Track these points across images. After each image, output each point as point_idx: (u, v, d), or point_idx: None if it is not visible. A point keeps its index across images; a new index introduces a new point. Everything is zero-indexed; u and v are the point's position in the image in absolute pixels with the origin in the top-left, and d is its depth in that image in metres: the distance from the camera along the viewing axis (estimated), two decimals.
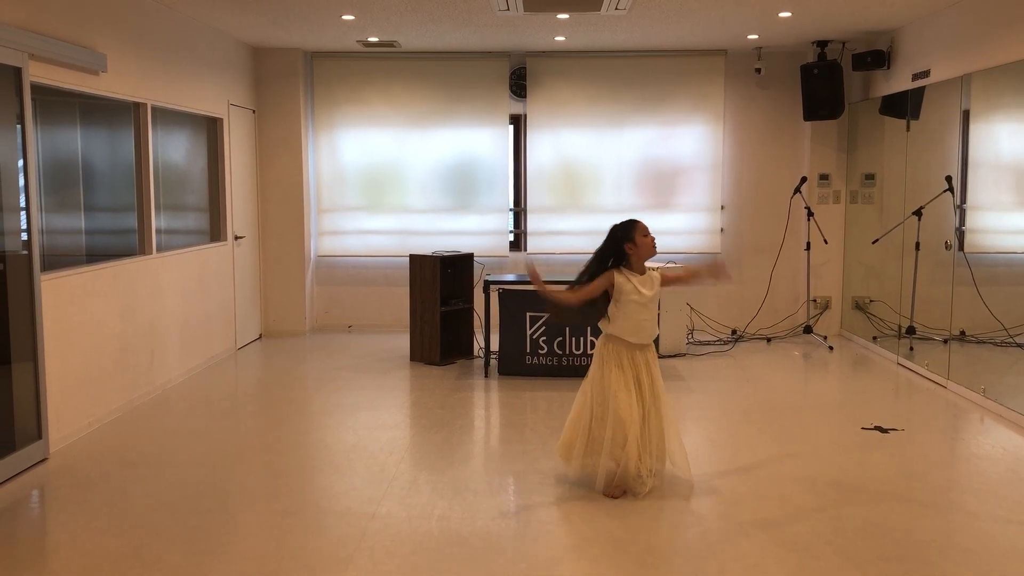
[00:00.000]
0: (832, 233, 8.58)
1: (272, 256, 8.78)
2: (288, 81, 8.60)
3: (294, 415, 5.90)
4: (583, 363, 6.77)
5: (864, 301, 8.34)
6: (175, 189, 6.98)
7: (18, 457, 4.66)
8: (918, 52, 7.11)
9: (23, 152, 4.77)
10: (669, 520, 4.02)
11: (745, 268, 8.93)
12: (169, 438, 5.34)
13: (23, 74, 4.72)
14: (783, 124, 8.80)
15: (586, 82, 8.76)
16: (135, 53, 6.09)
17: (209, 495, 4.36)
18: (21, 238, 4.76)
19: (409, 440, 5.30)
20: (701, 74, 8.70)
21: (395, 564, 3.58)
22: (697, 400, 6.25)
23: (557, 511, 4.16)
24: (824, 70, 8.07)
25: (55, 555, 3.71)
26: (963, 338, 6.48)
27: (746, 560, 3.60)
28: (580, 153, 8.85)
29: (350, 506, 4.19)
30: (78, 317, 5.32)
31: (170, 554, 3.67)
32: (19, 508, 4.24)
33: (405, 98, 8.85)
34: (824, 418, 5.78)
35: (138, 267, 6.12)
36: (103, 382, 5.62)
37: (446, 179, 8.93)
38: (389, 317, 9.09)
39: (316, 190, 8.99)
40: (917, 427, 5.54)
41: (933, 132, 7.00)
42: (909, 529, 3.93)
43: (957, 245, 6.46)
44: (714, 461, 4.91)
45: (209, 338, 7.40)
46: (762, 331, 8.73)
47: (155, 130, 6.43)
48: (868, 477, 4.61)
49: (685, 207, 8.85)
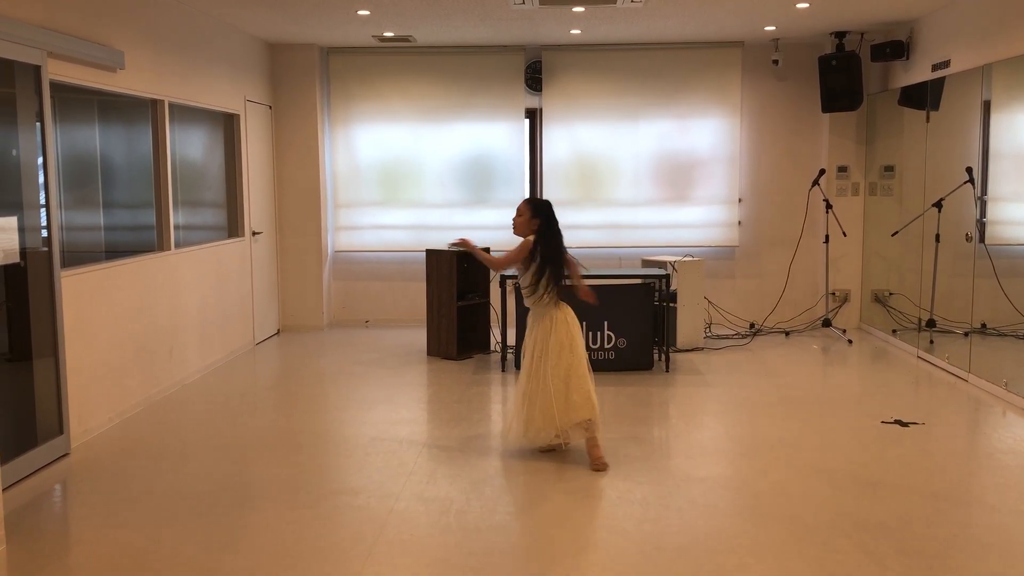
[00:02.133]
0: (851, 226, 8.52)
1: (289, 252, 8.81)
2: (304, 77, 8.62)
3: (312, 409, 5.92)
4: (600, 357, 6.76)
5: (883, 294, 8.27)
6: (193, 185, 7.01)
7: (40, 452, 4.70)
8: (938, 42, 7.04)
9: (43, 150, 4.81)
10: (687, 513, 4.01)
11: (763, 261, 8.89)
12: (189, 433, 5.38)
13: (42, 72, 4.75)
14: (801, 116, 8.74)
15: (602, 75, 8.73)
16: (152, 50, 6.12)
17: (228, 489, 4.38)
18: (41, 235, 4.79)
19: (427, 434, 5.31)
20: (718, 66, 8.65)
21: (413, 557, 3.59)
22: (715, 394, 6.23)
23: (575, 505, 4.16)
24: (842, 61, 8.01)
25: (77, 548, 3.74)
26: (984, 331, 6.42)
27: (765, 554, 3.59)
28: (596, 146, 8.82)
29: (369, 500, 4.21)
30: (98, 313, 5.36)
31: (190, 547, 3.70)
32: (41, 502, 4.28)
33: (420, 93, 8.85)
34: (843, 412, 5.75)
35: (157, 263, 6.16)
36: (123, 377, 5.66)
37: (462, 174, 8.93)
38: (406, 312, 9.11)
39: (332, 185, 9.01)
40: (937, 421, 5.49)
41: (953, 123, 6.93)
42: (930, 523, 3.90)
43: (978, 237, 6.40)
44: (732, 455, 4.89)
45: (228, 333, 7.44)
46: (780, 325, 8.69)
47: (172, 127, 6.46)
48: (888, 471, 4.58)
49: (702, 200, 8.81)
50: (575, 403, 4.62)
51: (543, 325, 4.72)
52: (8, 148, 4.66)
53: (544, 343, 4.69)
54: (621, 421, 5.51)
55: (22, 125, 4.72)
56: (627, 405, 5.91)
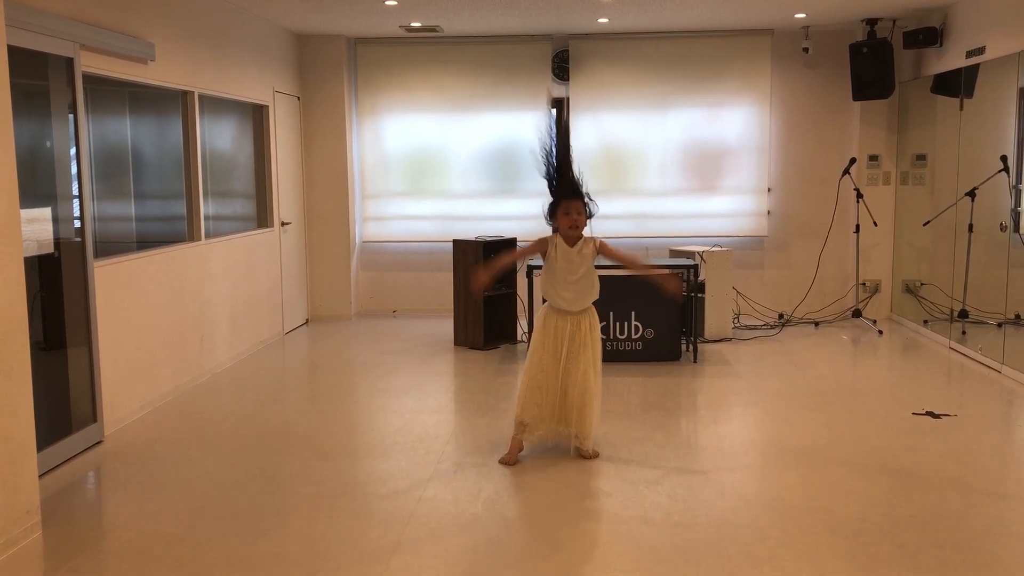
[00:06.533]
0: (882, 215, 8.42)
1: (318, 242, 8.86)
2: (332, 68, 8.65)
3: (341, 399, 5.96)
4: (627, 347, 6.74)
5: (915, 284, 8.17)
6: (223, 176, 7.07)
7: (75, 439, 4.77)
8: (972, 28, 6.92)
9: (75, 141, 4.86)
10: (717, 505, 3.99)
11: (793, 251, 8.81)
12: (219, 421, 5.43)
13: (75, 64, 4.80)
14: (831, 104, 8.64)
15: (629, 64, 8.68)
16: (183, 42, 6.16)
17: (258, 477, 4.43)
18: (74, 226, 4.85)
19: (454, 424, 5.33)
20: (747, 54, 8.57)
21: (442, 547, 3.60)
22: (744, 385, 6.19)
23: (603, 495, 4.16)
24: (873, 48, 7.90)
25: (111, 534, 3.79)
26: (1018, 322, 6.32)
27: (796, 547, 3.56)
28: (624, 136, 8.78)
29: (397, 489, 4.23)
30: (130, 303, 5.42)
31: (221, 534, 3.74)
32: (76, 489, 4.34)
33: (448, 83, 8.84)
34: (874, 403, 5.69)
35: (187, 253, 6.22)
36: (155, 366, 5.73)
37: (489, 164, 8.93)
38: (433, 302, 9.13)
39: (360, 176, 9.04)
40: (970, 412, 5.43)
41: (988, 111, 6.82)
42: (963, 516, 3.85)
43: (1013, 226, 6.30)
44: (762, 447, 4.86)
45: (257, 323, 7.50)
46: (810, 315, 8.62)
47: (203, 118, 6.50)
48: (920, 463, 4.53)
49: (731, 189, 8.75)
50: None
51: (580, 322, 4.64)
52: (42, 140, 4.72)
53: (581, 344, 4.61)
54: (648, 412, 5.49)
55: (55, 117, 4.78)
56: (654, 396, 5.89)
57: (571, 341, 4.53)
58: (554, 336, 4.55)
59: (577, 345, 4.54)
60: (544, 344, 4.57)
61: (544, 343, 4.57)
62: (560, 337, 4.54)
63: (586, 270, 4.50)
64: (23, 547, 3.63)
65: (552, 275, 4.54)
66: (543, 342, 4.57)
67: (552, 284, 4.55)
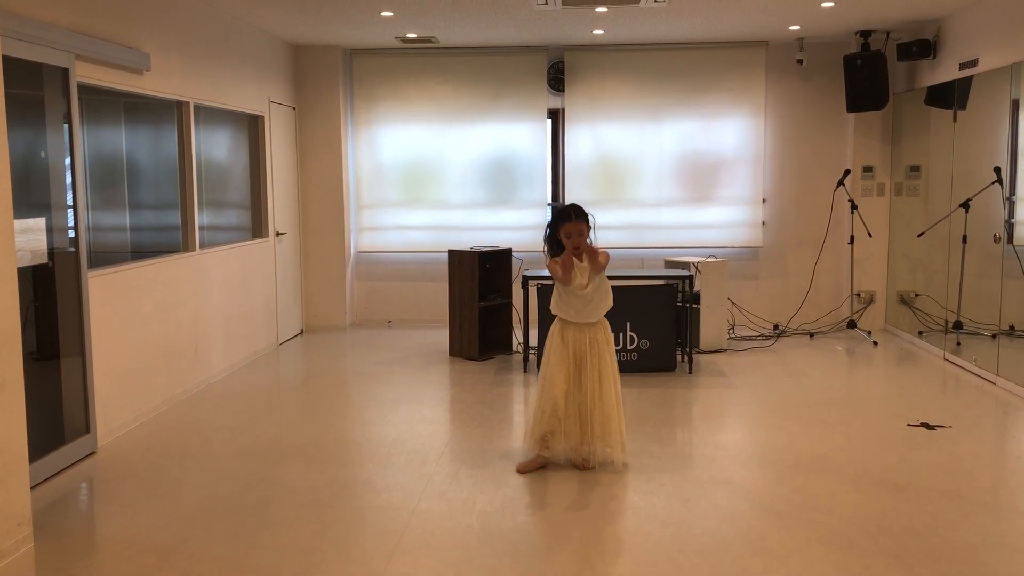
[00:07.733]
0: (876, 226, 8.45)
1: (313, 252, 8.86)
2: (328, 78, 8.66)
3: (335, 409, 5.94)
4: (622, 358, 6.74)
5: (909, 295, 8.19)
6: (217, 186, 7.06)
7: (67, 450, 4.75)
8: (966, 41, 6.96)
9: (70, 151, 4.86)
10: (711, 516, 3.98)
11: (788, 262, 8.83)
12: (213, 432, 5.41)
13: (70, 74, 4.80)
14: (826, 116, 8.67)
15: (625, 75, 8.71)
16: (178, 52, 6.17)
17: (253, 488, 4.41)
18: (68, 236, 4.85)
19: (449, 435, 5.32)
20: (742, 66, 8.60)
21: (436, 558, 3.59)
22: (739, 396, 6.19)
23: (598, 506, 4.15)
24: (867, 60, 7.94)
25: (103, 546, 3.77)
26: (1012, 333, 6.34)
27: (790, 558, 3.56)
28: (619, 147, 8.80)
29: (391, 500, 4.21)
30: (124, 313, 5.41)
31: (215, 546, 3.72)
32: (68, 500, 4.32)
33: (443, 94, 8.86)
34: (869, 414, 5.69)
35: (182, 264, 6.21)
36: (149, 377, 5.71)
37: (484, 174, 8.94)
38: (428, 312, 9.12)
39: (356, 186, 9.04)
40: (965, 424, 5.43)
41: (981, 123, 6.85)
42: (958, 528, 3.85)
43: (1006, 238, 6.32)
44: (757, 457, 4.85)
45: (252, 333, 7.48)
46: (805, 326, 8.62)
47: (198, 128, 6.51)
48: (914, 474, 4.53)
49: (726, 200, 8.77)
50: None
51: (595, 335, 4.66)
52: (37, 150, 4.72)
53: (598, 357, 4.64)
54: (644, 423, 5.49)
55: (50, 127, 4.78)
56: (649, 407, 5.89)
57: (589, 353, 4.56)
58: (572, 349, 4.57)
59: (595, 357, 4.57)
60: (563, 357, 4.57)
61: (563, 356, 4.57)
62: (578, 350, 4.56)
63: (597, 281, 4.54)
64: (15, 559, 3.61)
65: (565, 289, 4.57)
66: (561, 356, 4.57)
67: (565, 298, 4.58)
